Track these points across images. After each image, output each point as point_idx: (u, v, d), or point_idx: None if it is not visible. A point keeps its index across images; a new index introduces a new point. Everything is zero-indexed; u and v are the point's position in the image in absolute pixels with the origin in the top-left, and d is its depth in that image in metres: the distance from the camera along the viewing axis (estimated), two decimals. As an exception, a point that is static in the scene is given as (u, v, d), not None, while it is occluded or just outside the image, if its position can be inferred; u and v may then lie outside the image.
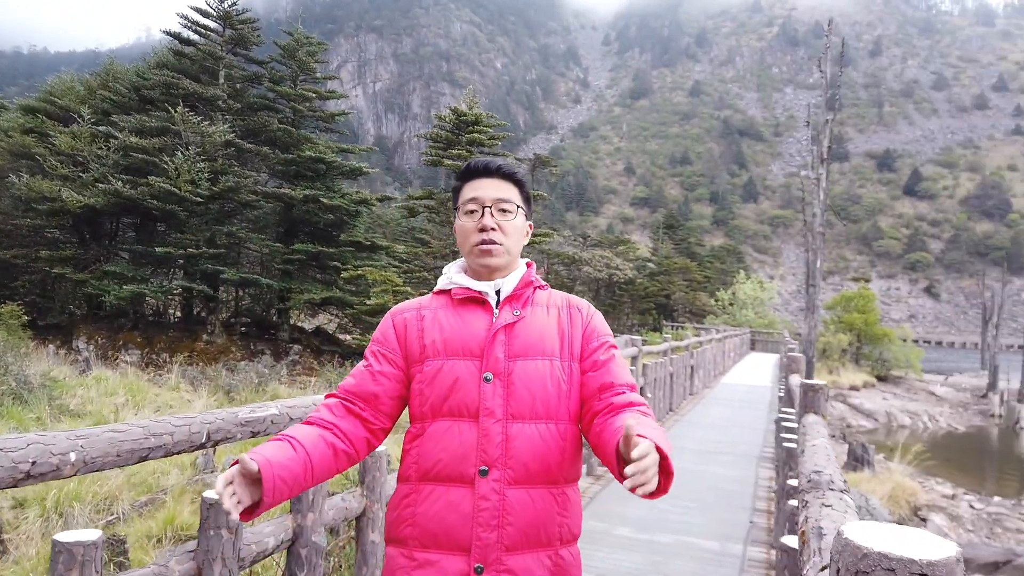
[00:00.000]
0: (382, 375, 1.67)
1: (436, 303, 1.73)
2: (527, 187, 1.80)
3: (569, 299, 1.78)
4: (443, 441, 1.59)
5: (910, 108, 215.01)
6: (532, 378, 1.61)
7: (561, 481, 1.63)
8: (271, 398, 13.31)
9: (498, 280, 1.72)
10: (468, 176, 1.76)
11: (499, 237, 1.69)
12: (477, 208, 1.71)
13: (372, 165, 20.47)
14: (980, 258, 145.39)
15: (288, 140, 18.86)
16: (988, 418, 29.99)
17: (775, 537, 4.78)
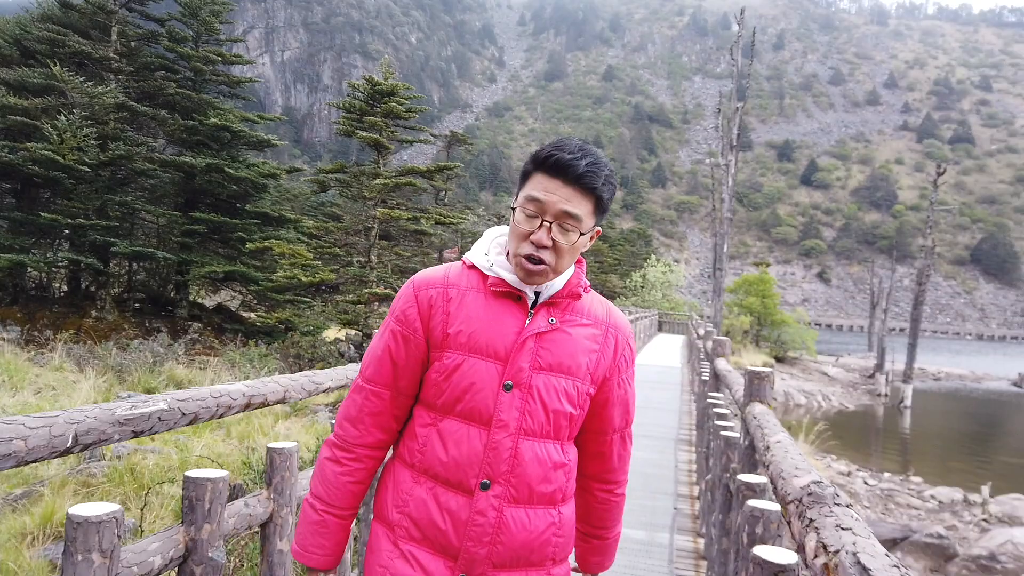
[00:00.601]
0: (404, 358, 1.54)
1: (466, 281, 1.55)
2: (607, 199, 1.55)
3: (610, 313, 1.63)
4: (449, 443, 1.49)
5: (809, 101, 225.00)
6: (552, 395, 1.50)
7: (560, 502, 1.56)
8: (167, 379, 12.54)
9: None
10: (545, 167, 1.50)
11: (549, 257, 1.48)
12: (537, 215, 1.48)
13: (280, 137, 19.52)
14: (868, 246, 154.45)
15: (189, 105, 17.70)
16: (875, 397, 31.80)
17: (701, 525, 4.70)
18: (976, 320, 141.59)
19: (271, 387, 2.45)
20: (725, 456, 3.37)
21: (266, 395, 2.39)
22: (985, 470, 17.53)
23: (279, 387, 2.49)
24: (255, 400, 2.32)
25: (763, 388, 2.94)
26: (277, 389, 2.47)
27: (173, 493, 5.48)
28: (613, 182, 1.56)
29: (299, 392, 2.61)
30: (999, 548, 8.66)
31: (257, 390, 2.35)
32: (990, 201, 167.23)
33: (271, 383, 2.47)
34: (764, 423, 2.41)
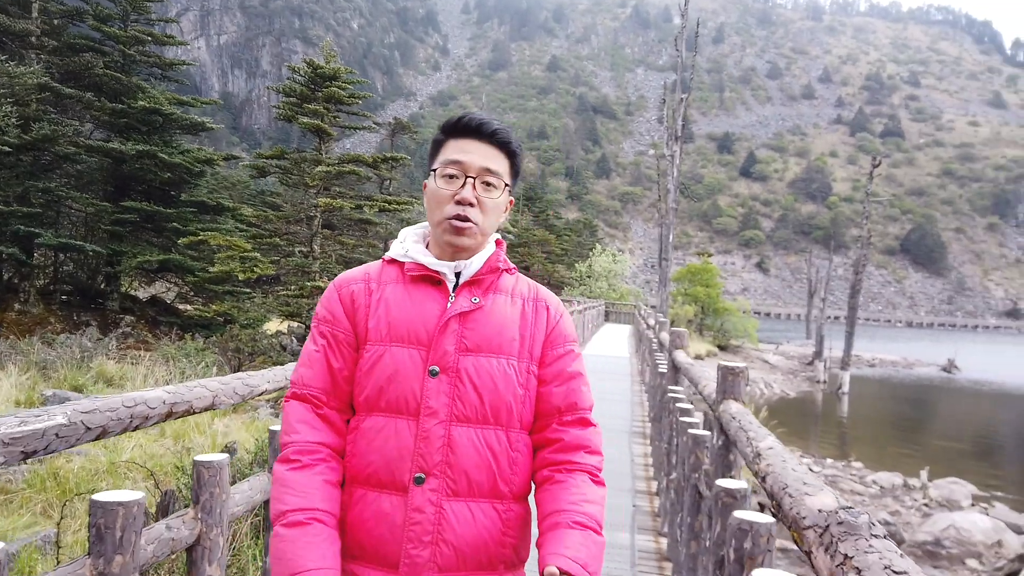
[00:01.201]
0: (339, 359, 1.47)
1: (386, 275, 1.52)
2: (520, 160, 1.57)
3: (538, 290, 1.59)
4: (376, 440, 1.41)
5: (748, 94, 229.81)
6: (484, 377, 1.44)
7: (508, 496, 1.45)
8: (96, 375, 11.89)
9: (460, 260, 1.50)
10: (456, 132, 1.51)
11: (476, 215, 1.47)
12: (459, 174, 1.48)
13: (217, 123, 18.79)
14: (804, 237, 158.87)
15: (117, 87, 16.83)
16: (814, 384, 32.61)
17: (662, 524, 4.54)
18: (906, 308, 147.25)
19: (197, 392, 2.15)
20: (693, 456, 3.19)
21: (191, 402, 2.09)
22: (921, 454, 18.06)
23: (207, 392, 2.19)
24: (178, 408, 2.02)
25: (738, 385, 2.76)
26: (204, 395, 2.17)
27: (65, 524, 5.04)
28: (521, 147, 1.57)
29: (231, 397, 2.31)
30: (942, 533, 8.85)
31: (180, 397, 2.05)
32: (918, 193, 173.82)
33: (197, 388, 2.17)
34: (746, 424, 2.22)
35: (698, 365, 3.88)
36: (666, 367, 5.53)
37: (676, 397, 4.35)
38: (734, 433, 2.27)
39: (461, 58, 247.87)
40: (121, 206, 16.14)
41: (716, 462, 2.73)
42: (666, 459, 4.48)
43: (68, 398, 10.10)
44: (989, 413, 28.73)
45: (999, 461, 19.43)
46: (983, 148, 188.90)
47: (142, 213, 16.21)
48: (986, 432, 24.44)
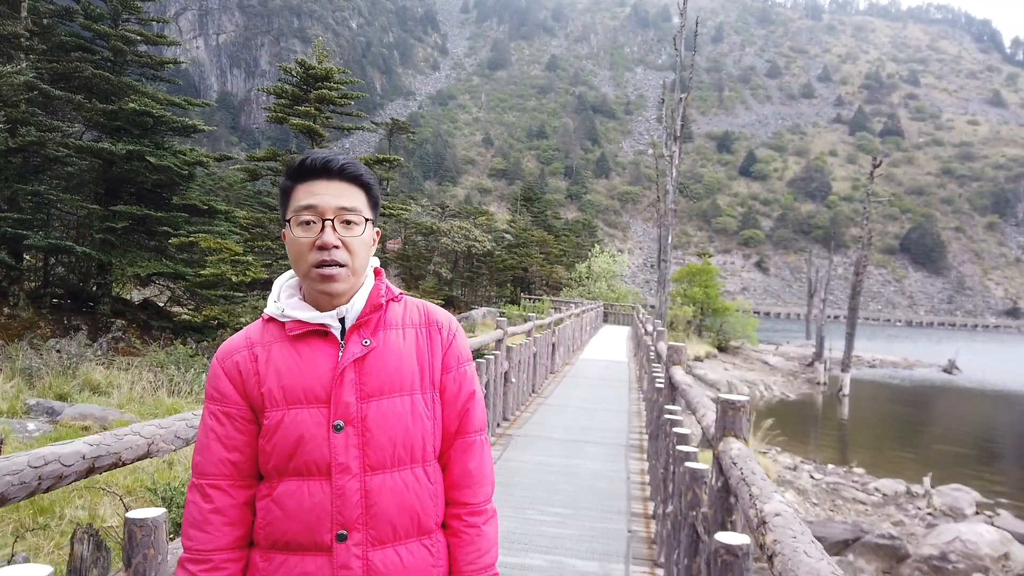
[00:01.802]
0: (233, 439, 1.41)
1: (268, 335, 1.45)
2: (375, 190, 1.51)
3: (427, 312, 1.54)
4: (291, 505, 1.37)
5: (747, 93, 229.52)
6: (391, 420, 1.40)
7: (434, 529, 1.45)
8: (83, 383, 11.64)
9: (340, 307, 1.44)
10: (302, 176, 1.43)
11: (343, 257, 1.41)
12: (315, 219, 1.41)
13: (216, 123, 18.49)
14: (804, 236, 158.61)
15: (108, 88, 16.57)
16: (815, 386, 32.35)
17: (659, 554, 4.29)
18: (905, 307, 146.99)
19: (128, 442, 1.90)
20: (691, 492, 2.94)
21: (119, 453, 1.85)
22: (923, 459, 17.83)
23: (139, 440, 1.94)
24: (102, 463, 1.78)
25: (738, 421, 2.51)
26: (136, 444, 1.92)
27: (36, 544, 4.77)
28: (374, 177, 1.51)
29: (171, 443, 2.06)
30: (948, 546, 8.61)
31: (106, 449, 1.80)
32: (918, 192, 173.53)
33: (128, 435, 1.92)
34: (749, 475, 1.97)
35: (697, 388, 3.63)
36: (663, 383, 5.28)
37: (673, 419, 4.10)
38: (735, 484, 2.02)
39: (460, 57, 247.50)
40: (111, 210, 15.88)
41: (715, 504, 2.48)
42: (663, 485, 4.23)
43: (52, 408, 9.86)
44: (990, 415, 28.50)
45: (1001, 465, 19.19)
46: (983, 147, 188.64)
47: (133, 217, 15.95)
48: (988, 435, 24.20)
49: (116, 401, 10.64)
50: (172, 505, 4.95)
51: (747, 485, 1.89)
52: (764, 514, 1.61)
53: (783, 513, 1.57)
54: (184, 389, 11.29)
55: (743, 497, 1.87)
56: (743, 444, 2.40)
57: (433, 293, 28.88)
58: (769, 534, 1.50)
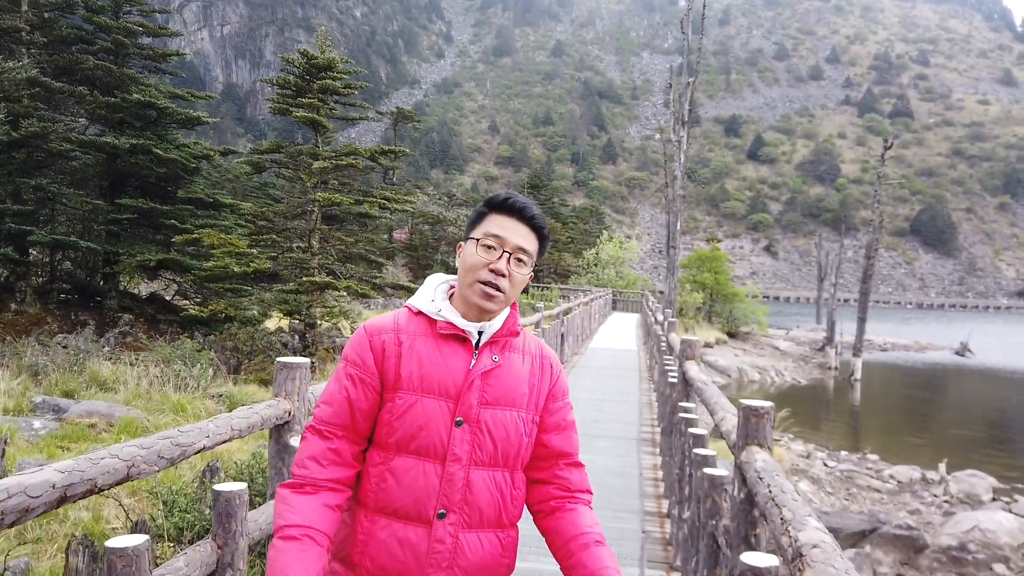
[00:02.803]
0: (361, 401, 1.62)
1: (414, 327, 1.67)
2: (548, 242, 1.76)
3: (542, 348, 1.79)
4: (406, 480, 1.58)
5: (754, 76, 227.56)
6: (500, 427, 1.63)
7: (508, 526, 1.67)
8: (90, 379, 11.58)
9: (485, 323, 1.67)
10: (500, 209, 1.69)
11: (505, 285, 1.64)
12: (497, 247, 1.65)
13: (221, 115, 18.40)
14: (813, 219, 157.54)
15: (110, 80, 16.42)
16: (826, 371, 32.13)
17: (674, 557, 4.15)
18: (916, 289, 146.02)
19: (105, 465, 1.76)
20: (711, 500, 2.79)
21: (95, 479, 1.71)
22: (937, 444, 17.63)
23: (118, 463, 1.80)
24: (75, 491, 1.64)
25: (762, 429, 2.35)
26: (114, 467, 1.78)
27: (39, 549, 4.64)
28: (550, 232, 1.77)
29: (153, 463, 1.92)
30: (967, 536, 8.45)
31: (80, 475, 1.66)
32: (928, 173, 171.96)
33: (105, 458, 1.78)
34: (777, 492, 1.81)
35: (714, 387, 3.47)
36: (676, 378, 5.11)
37: (688, 419, 3.94)
38: (763, 503, 1.87)
39: (465, 45, 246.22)
40: (116, 204, 15.79)
41: (738, 517, 2.33)
42: (678, 485, 4.08)
43: (58, 405, 9.78)
44: (1004, 398, 28.23)
45: (1016, 449, 18.97)
46: (993, 127, 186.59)
47: (138, 210, 15.85)
48: (1001, 419, 23.96)
49: (122, 397, 10.56)
50: (174, 509, 4.84)
51: (778, 507, 1.73)
52: (800, 544, 1.46)
53: (822, 545, 1.42)
54: (191, 384, 11.21)
55: (773, 520, 1.71)
56: (768, 455, 2.24)
57: (441, 283, 28.70)
58: (808, 571, 1.35)
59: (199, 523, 4.62)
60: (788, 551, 1.50)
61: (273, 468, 2.65)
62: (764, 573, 1.84)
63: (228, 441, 2.30)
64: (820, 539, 1.45)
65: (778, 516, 1.68)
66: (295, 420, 2.64)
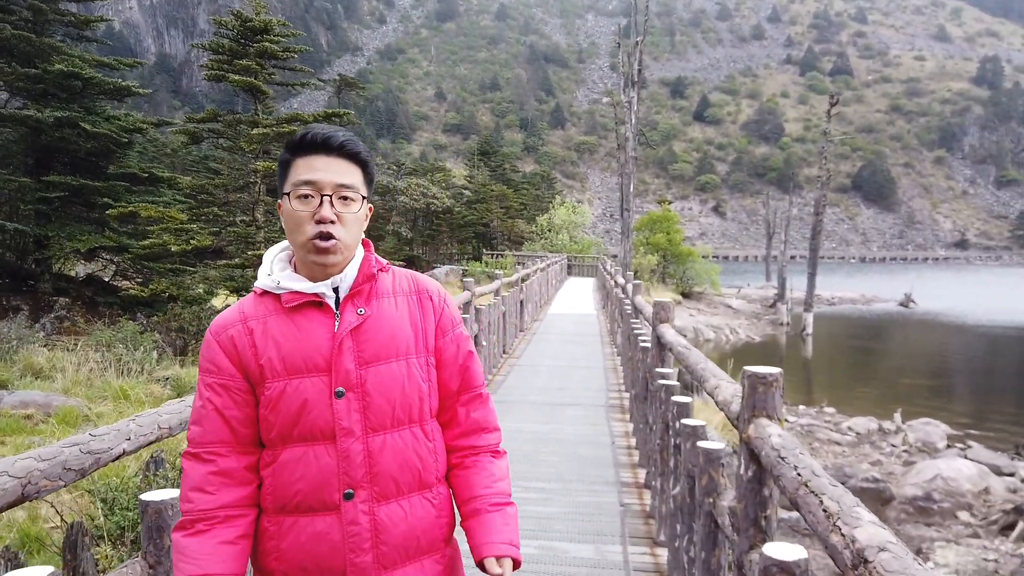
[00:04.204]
0: (231, 409, 1.45)
1: (263, 308, 1.48)
2: (372, 167, 1.55)
3: (416, 281, 1.60)
4: (299, 470, 1.43)
5: (698, 37, 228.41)
6: (389, 384, 1.47)
7: (434, 483, 1.53)
8: (24, 368, 10.93)
9: (334, 277, 1.48)
10: (302, 150, 1.46)
11: (339, 231, 1.45)
12: (313, 194, 1.44)
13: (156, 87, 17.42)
14: (759, 179, 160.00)
15: (30, 50, 15.35)
16: (778, 327, 32.65)
17: (658, 531, 3.93)
18: (859, 244, 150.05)
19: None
20: (707, 476, 2.55)
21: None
22: (890, 394, 18.02)
23: (9, 482, 1.44)
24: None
25: (771, 398, 2.09)
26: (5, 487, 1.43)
27: None
28: (371, 155, 1.55)
29: (57, 478, 1.57)
30: (930, 485, 8.54)
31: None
32: (868, 130, 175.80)
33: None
34: (810, 476, 1.55)
35: (698, 352, 3.22)
36: (649, 343, 4.88)
37: (668, 385, 3.70)
38: (792, 487, 1.60)
39: (407, 9, 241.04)
40: (44, 181, 14.87)
41: (746, 497, 2.08)
42: (659, 456, 3.85)
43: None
44: (948, 346, 29.10)
45: (964, 395, 19.54)
46: (929, 82, 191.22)
47: (68, 188, 14.95)
48: (948, 366, 24.69)
49: (61, 386, 10.00)
50: (115, 507, 4.45)
51: (815, 495, 1.46)
52: (861, 547, 1.19)
53: (890, 548, 1.15)
54: (134, 368, 10.67)
55: (811, 512, 1.44)
56: (780, 428, 1.98)
57: (393, 253, 28.19)
58: None
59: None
60: (844, 553, 1.23)
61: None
62: (793, 568, 1.59)
63: (157, 442, 1.95)
64: (885, 540, 1.18)
65: (819, 507, 1.42)
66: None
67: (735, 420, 2.24)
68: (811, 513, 1.45)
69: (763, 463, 1.93)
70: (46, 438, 7.36)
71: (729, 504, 2.27)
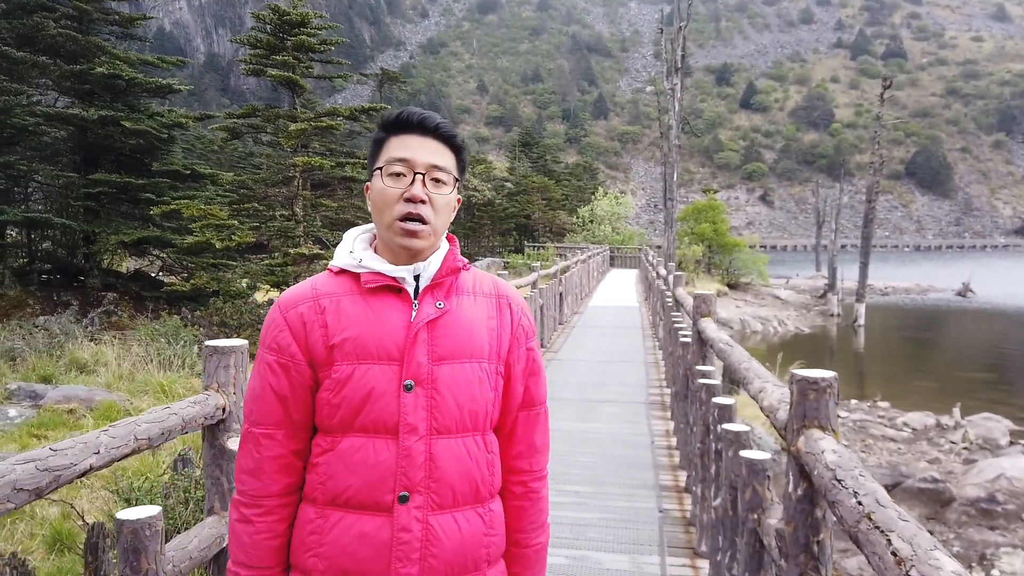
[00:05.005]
0: (292, 390, 1.40)
1: (338, 287, 1.43)
2: (465, 154, 1.51)
3: (497, 286, 1.54)
4: (355, 462, 1.37)
5: (744, 23, 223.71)
6: (460, 385, 1.40)
7: (488, 498, 1.46)
8: (69, 362, 11.10)
9: (417, 263, 1.43)
10: (397, 128, 1.44)
11: (428, 213, 1.41)
12: (406, 172, 1.41)
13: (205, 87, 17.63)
14: (807, 166, 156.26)
15: (75, 49, 15.63)
16: (828, 318, 31.73)
17: (699, 541, 3.66)
18: (913, 232, 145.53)
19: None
20: (751, 489, 2.28)
21: None
22: (947, 388, 17.27)
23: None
24: None
25: (825, 406, 1.82)
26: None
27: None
28: (465, 142, 1.51)
29: (5, 501, 1.39)
30: (994, 485, 8.06)
31: None
32: (923, 114, 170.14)
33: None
34: (872, 503, 1.29)
35: (740, 349, 2.95)
36: (690, 338, 4.60)
37: (708, 384, 3.43)
38: (852, 519, 1.35)
39: (448, 3, 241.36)
40: (90, 179, 15.14)
41: (795, 519, 1.83)
42: (700, 461, 3.59)
43: (35, 391, 9.34)
44: (1010, 338, 27.88)
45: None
46: (987, 64, 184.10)
47: (114, 185, 15.21)
48: (1009, 359, 23.62)
49: (104, 380, 10.13)
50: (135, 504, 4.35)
51: (881, 531, 1.20)
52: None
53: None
54: (176, 363, 10.76)
55: (880, 556, 1.19)
56: (835, 441, 1.72)
57: (434, 246, 28.15)
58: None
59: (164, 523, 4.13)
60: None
61: (209, 478, 2.14)
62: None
63: (132, 455, 1.78)
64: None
65: (886, 548, 1.16)
66: (232, 417, 2.12)
67: (782, 430, 1.98)
68: (876, 555, 1.19)
69: (815, 483, 1.67)
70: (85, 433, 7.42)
71: (776, 525, 2.01)
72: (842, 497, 1.42)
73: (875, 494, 1.35)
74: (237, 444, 2.12)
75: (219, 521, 2.09)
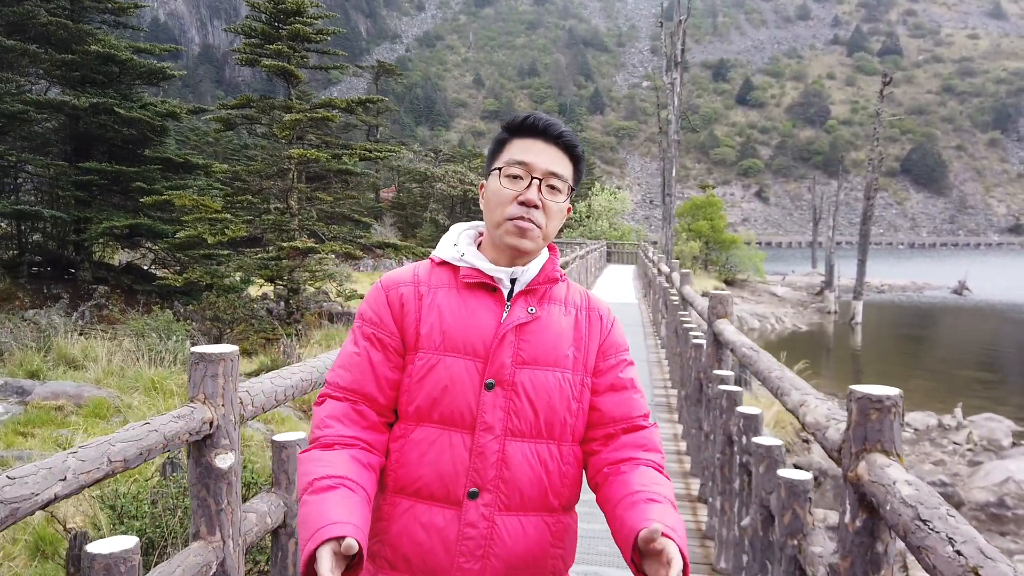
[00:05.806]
0: (383, 365, 1.42)
1: (436, 278, 1.47)
2: (583, 165, 1.51)
3: (589, 299, 1.55)
4: (429, 454, 1.38)
5: (741, 18, 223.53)
6: (539, 391, 1.41)
7: (558, 509, 1.43)
8: (57, 357, 10.87)
9: (516, 267, 1.46)
10: (522, 131, 1.46)
11: (540, 218, 1.42)
12: (524, 176, 1.43)
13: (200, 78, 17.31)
14: (803, 163, 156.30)
15: (66, 36, 15.34)
16: (825, 315, 31.63)
17: (718, 557, 3.46)
18: (908, 229, 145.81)
19: None
20: (790, 513, 2.08)
21: None
22: (946, 388, 17.16)
23: None
24: None
25: (889, 427, 1.62)
26: None
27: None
28: (584, 152, 1.51)
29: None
30: (1002, 489, 7.91)
31: None
32: (918, 112, 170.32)
33: None
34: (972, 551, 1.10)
35: (768, 355, 2.75)
36: (704, 341, 4.40)
37: (730, 391, 3.23)
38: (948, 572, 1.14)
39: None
40: (81, 167, 14.85)
41: (852, 553, 1.63)
42: (720, 472, 3.38)
43: (22, 387, 9.11)
44: (1007, 336, 27.84)
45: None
46: (983, 61, 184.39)
47: (105, 174, 14.92)
48: (1008, 358, 23.56)
49: (93, 376, 9.90)
50: (123, 515, 4.14)
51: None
52: None
53: None
54: (167, 359, 10.52)
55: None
56: (902, 469, 1.52)
57: (430, 241, 27.92)
58: None
59: (151, 531, 3.93)
60: None
61: (195, 499, 1.92)
62: None
63: (106, 479, 1.57)
64: None
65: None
66: (221, 432, 1.90)
67: (834, 452, 1.78)
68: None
69: (885, 517, 1.47)
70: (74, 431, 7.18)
71: (829, 558, 1.80)
72: (932, 543, 1.21)
73: (975, 541, 1.15)
74: (226, 462, 1.91)
75: (205, 547, 1.88)
